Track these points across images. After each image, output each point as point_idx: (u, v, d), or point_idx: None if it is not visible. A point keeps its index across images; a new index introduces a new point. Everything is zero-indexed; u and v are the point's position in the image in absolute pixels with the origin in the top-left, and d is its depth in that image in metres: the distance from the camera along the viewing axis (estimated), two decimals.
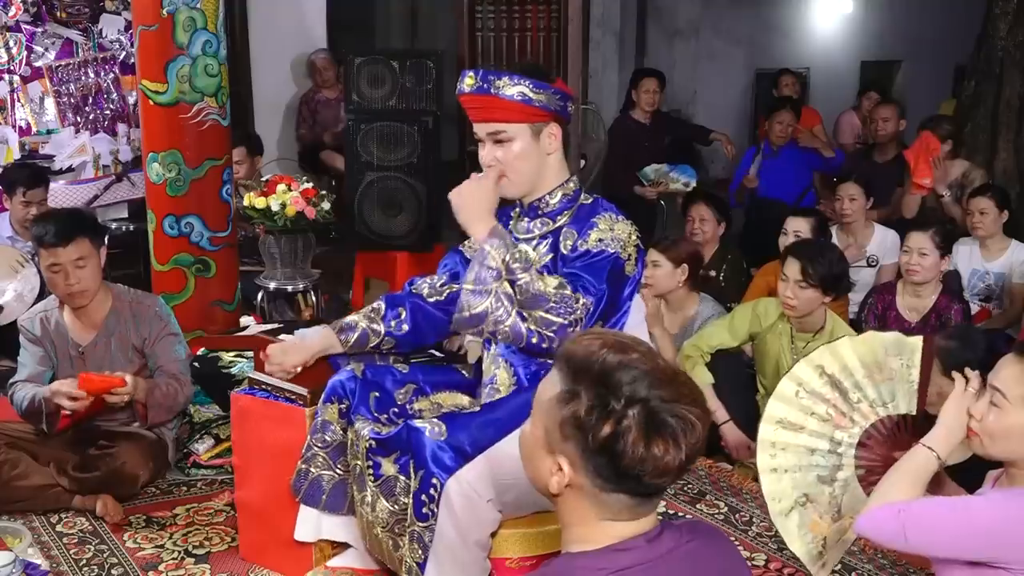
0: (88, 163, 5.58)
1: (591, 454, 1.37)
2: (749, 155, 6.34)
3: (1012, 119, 6.20)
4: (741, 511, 3.38)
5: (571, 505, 1.43)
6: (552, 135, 2.44)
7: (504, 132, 2.41)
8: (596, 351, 1.39)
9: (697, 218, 4.85)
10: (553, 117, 2.42)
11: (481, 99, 2.40)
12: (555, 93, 2.41)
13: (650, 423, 1.34)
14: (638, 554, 1.40)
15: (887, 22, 10.57)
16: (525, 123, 2.40)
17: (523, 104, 2.37)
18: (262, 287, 4.52)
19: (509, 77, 2.37)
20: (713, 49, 9.93)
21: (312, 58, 6.82)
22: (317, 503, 2.66)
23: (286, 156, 6.64)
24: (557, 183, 2.49)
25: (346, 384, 2.57)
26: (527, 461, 1.49)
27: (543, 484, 1.45)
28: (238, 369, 3.83)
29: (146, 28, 4.07)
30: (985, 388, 2.06)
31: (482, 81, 2.38)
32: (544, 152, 2.44)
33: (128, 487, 3.31)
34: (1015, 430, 1.98)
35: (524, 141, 2.41)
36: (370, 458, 2.42)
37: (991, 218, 4.57)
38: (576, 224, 2.44)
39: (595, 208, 2.46)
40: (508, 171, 2.43)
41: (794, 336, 3.68)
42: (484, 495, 2.25)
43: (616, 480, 1.37)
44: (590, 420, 1.35)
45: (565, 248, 2.42)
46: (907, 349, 2.34)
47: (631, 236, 2.41)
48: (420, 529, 2.29)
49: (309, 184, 4.34)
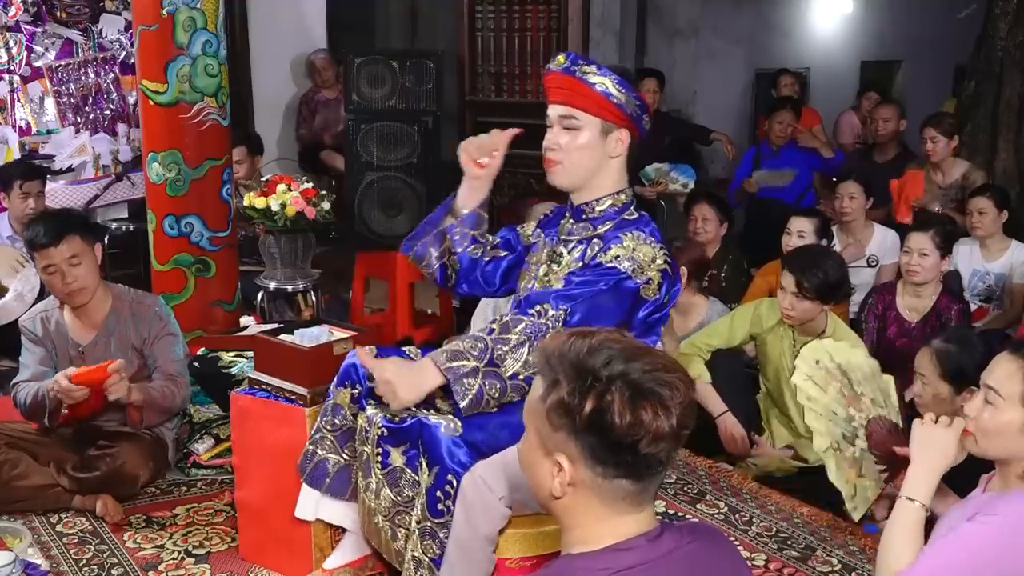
0: (88, 163, 5.58)
1: (582, 435, 1.37)
2: (749, 155, 6.33)
3: (1012, 119, 6.20)
4: (741, 511, 3.38)
5: (574, 506, 1.43)
6: (620, 140, 2.39)
7: (575, 119, 2.37)
8: (565, 342, 1.42)
9: (700, 218, 4.85)
10: (626, 122, 2.38)
11: (564, 79, 2.36)
12: (636, 99, 2.37)
13: (634, 391, 1.36)
14: (639, 554, 1.40)
15: (887, 22, 10.57)
16: (598, 117, 2.36)
17: (602, 96, 2.34)
18: (262, 287, 4.52)
19: (598, 68, 2.35)
20: (713, 49, 9.92)
21: (312, 58, 6.82)
22: (321, 485, 2.66)
23: (286, 156, 6.64)
24: (609, 191, 2.44)
25: (359, 369, 2.55)
26: (529, 472, 1.50)
27: (546, 491, 1.44)
28: (238, 369, 3.83)
29: (146, 28, 4.07)
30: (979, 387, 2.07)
31: (571, 62, 2.36)
32: (607, 154, 2.40)
33: (128, 487, 3.32)
34: (1009, 427, 1.99)
35: (591, 135, 2.37)
36: (380, 445, 2.42)
37: (991, 218, 4.57)
38: (610, 235, 2.40)
39: (636, 224, 2.41)
40: (566, 159, 2.40)
41: (796, 339, 3.68)
42: (497, 491, 2.25)
43: (614, 459, 1.37)
44: (573, 400, 1.37)
45: (588, 258, 2.40)
46: (884, 381, 2.51)
47: (655, 259, 2.34)
48: (434, 525, 2.29)
49: (309, 184, 4.34)
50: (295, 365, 2.83)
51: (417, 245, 2.66)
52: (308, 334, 2.90)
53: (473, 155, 2.55)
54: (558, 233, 2.53)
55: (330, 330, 2.97)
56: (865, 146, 6.44)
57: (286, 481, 2.74)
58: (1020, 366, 1.99)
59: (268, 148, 6.02)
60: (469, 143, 2.57)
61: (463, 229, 2.59)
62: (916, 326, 3.96)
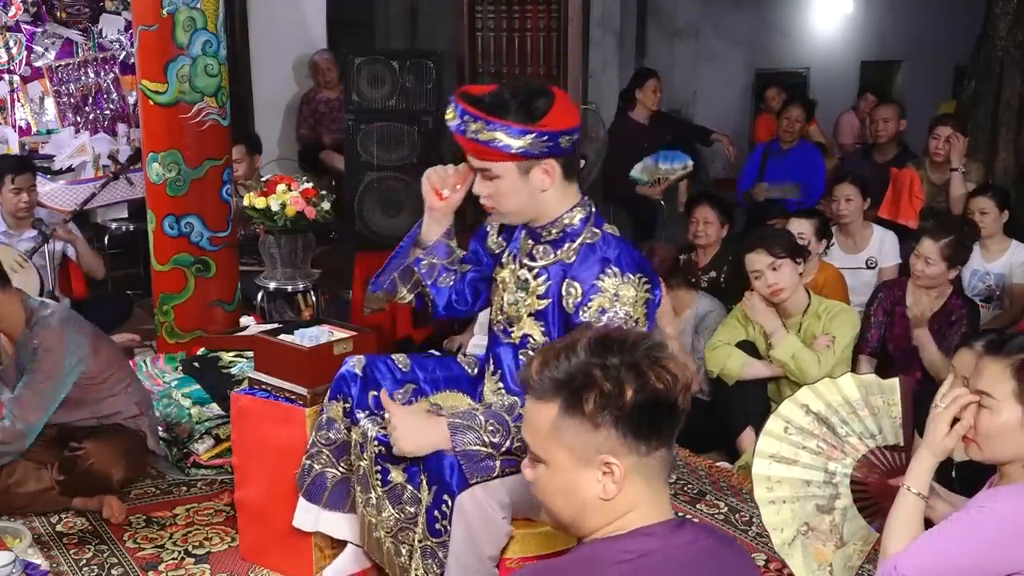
0: (88, 163, 5.58)
1: (629, 420, 1.41)
2: (757, 153, 6.31)
3: (1012, 119, 6.20)
4: (741, 511, 3.38)
5: (622, 499, 1.44)
6: (545, 171, 2.22)
7: (489, 170, 2.24)
8: (548, 360, 1.46)
9: (701, 220, 4.81)
10: (542, 156, 2.20)
11: (460, 137, 2.22)
12: (540, 136, 2.15)
13: (649, 360, 1.43)
14: (661, 540, 1.44)
15: (887, 22, 10.58)
16: (510, 162, 2.20)
17: (501, 151, 2.17)
18: (262, 287, 4.52)
19: (486, 123, 2.15)
20: (713, 49, 9.93)
21: (315, 58, 6.82)
22: (319, 500, 2.66)
23: (286, 156, 6.65)
24: (559, 213, 2.29)
25: (350, 382, 2.55)
26: (562, 500, 1.48)
27: (593, 501, 1.44)
28: (238, 369, 3.83)
29: (146, 28, 4.07)
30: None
31: (460, 119, 2.19)
32: (538, 189, 2.24)
33: (103, 485, 3.26)
34: (1009, 427, 1.99)
35: (511, 179, 2.23)
36: (379, 463, 2.40)
37: (991, 218, 4.56)
38: (579, 273, 2.25)
39: (600, 253, 2.26)
40: (498, 204, 2.29)
41: (784, 323, 3.84)
42: (499, 511, 2.24)
43: (656, 430, 1.43)
44: (614, 390, 1.40)
45: (568, 306, 2.25)
46: (887, 389, 2.40)
47: (639, 295, 2.21)
48: (434, 545, 2.27)
49: (309, 184, 4.33)
50: (295, 365, 2.83)
51: (385, 282, 2.59)
52: (308, 334, 2.90)
53: (435, 184, 2.45)
54: (520, 252, 2.42)
55: (330, 330, 2.97)
56: (865, 146, 6.44)
57: (286, 481, 2.74)
58: (1006, 365, 2.00)
59: (268, 148, 6.02)
60: (433, 172, 2.46)
61: (431, 260, 2.52)
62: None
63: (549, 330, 2.32)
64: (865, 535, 2.38)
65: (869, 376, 2.45)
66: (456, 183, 2.42)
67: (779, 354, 3.72)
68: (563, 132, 2.20)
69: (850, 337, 3.78)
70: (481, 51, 5.53)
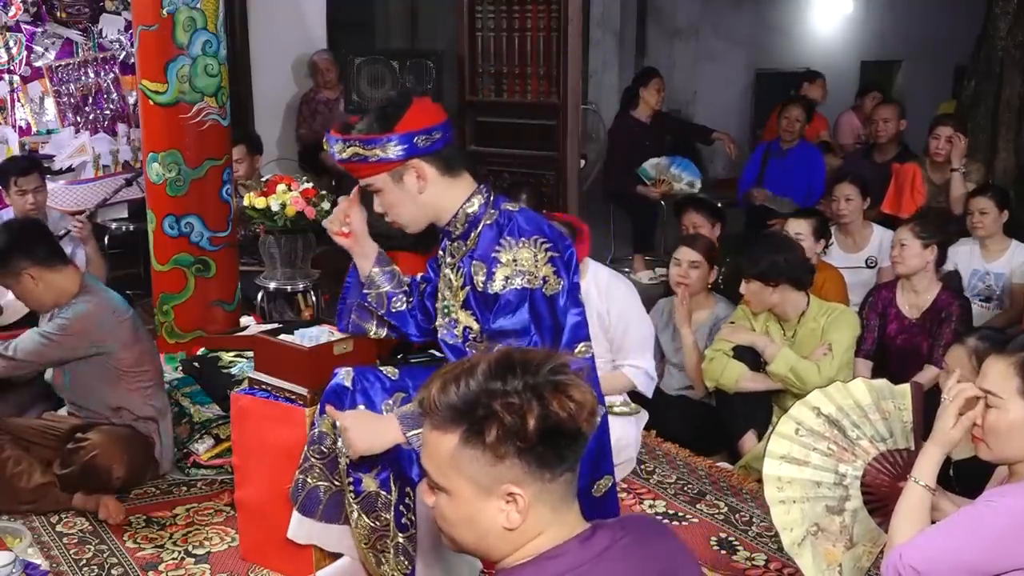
0: (88, 163, 5.58)
1: (533, 449, 1.35)
2: (758, 153, 6.31)
3: (1012, 119, 6.20)
4: (741, 511, 3.38)
5: (525, 527, 1.40)
6: (417, 174, 2.28)
7: (371, 184, 2.33)
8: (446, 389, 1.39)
9: (690, 226, 4.80)
10: (406, 159, 2.26)
11: (344, 165, 2.35)
12: (390, 140, 2.23)
13: (551, 385, 1.36)
14: (571, 558, 1.39)
15: (887, 22, 10.58)
16: (383, 173, 2.29)
17: (360, 163, 2.28)
18: (262, 287, 4.52)
19: (343, 142, 2.27)
20: (713, 49, 9.93)
21: (315, 59, 6.81)
22: (314, 514, 2.65)
23: (286, 156, 6.64)
24: (455, 209, 2.34)
25: (340, 395, 2.53)
26: (464, 530, 1.43)
27: (496, 532, 1.40)
28: (238, 369, 3.83)
29: (146, 28, 4.07)
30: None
31: (346, 149, 2.29)
32: (417, 192, 2.31)
33: (103, 479, 3.26)
34: (1016, 424, 2.00)
35: (389, 189, 2.31)
36: (350, 474, 2.41)
37: (991, 218, 4.57)
38: (483, 252, 2.30)
39: (498, 228, 2.30)
40: (395, 217, 2.37)
41: (783, 327, 3.86)
42: None
43: (560, 456, 1.37)
44: (514, 422, 1.34)
45: (479, 284, 2.30)
46: (898, 394, 2.42)
47: (538, 255, 2.23)
48: (403, 541, 2.29)
49: (309, 184, 4.34)
50: (295, 365, 2.82)
51: (348, 324, 2.67)
52: (308, 334, 2.89)
53: (335, 228, 2.55)
54: (444, 254, 2.47)
55: (330, 330, 2.96)
56: (865, 146, 6.44)
57: (286, 481, 2.74)
58: (1010, 363, 2.02)
59: (268, 148, 6.02)
60: (327, 221, 2.58)
61: (376, 291, 2.56)
62: (916, 323, 3.96)
63: (478, 316, 2.34)
64: (875, 537, 2.39)
65: (880, 381, 2.48)
66: (345, 215, 2.52)
67: (776, 369, 3.70)
68: (416, 132, 2.26)
69: (850, 339, 3.77)
70: (481, 51, 5.53)
